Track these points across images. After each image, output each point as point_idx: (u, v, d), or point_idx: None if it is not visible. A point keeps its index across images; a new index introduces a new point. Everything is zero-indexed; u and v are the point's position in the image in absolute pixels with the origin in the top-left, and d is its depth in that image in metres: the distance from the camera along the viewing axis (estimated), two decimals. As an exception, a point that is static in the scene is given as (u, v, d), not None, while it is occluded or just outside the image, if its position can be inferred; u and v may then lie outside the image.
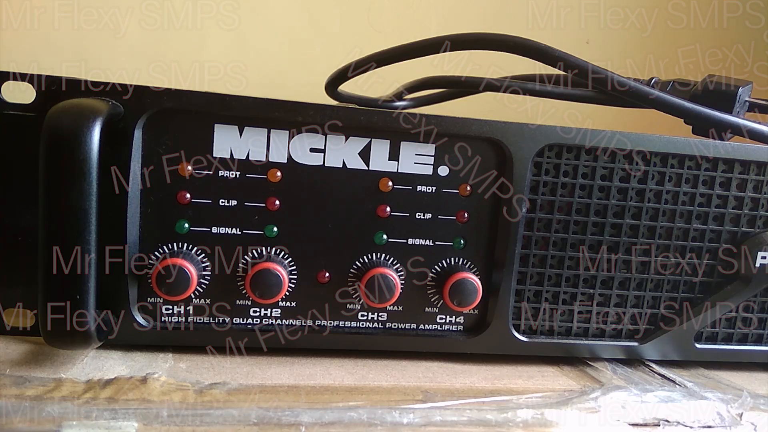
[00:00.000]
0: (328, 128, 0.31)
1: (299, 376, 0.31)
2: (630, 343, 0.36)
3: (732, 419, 0.31)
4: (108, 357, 0.31)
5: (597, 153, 0.34)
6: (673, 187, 0.35)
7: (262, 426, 0.26)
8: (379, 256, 0.33)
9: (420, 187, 0.33)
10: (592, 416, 0.29)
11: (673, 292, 0.36)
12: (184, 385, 0.28)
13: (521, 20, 0.66)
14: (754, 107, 0.39)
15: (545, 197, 0.34)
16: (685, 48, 0.69)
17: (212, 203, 0.31)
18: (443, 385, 0.31)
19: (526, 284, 0.35)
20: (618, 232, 0.35)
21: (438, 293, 0.34)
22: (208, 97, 0.30)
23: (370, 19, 0.64)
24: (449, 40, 0.35)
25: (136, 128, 0.30)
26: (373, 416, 0.27)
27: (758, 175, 0.35)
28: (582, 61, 0.34)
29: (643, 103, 0.35)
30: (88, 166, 0.26)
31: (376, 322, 0.34)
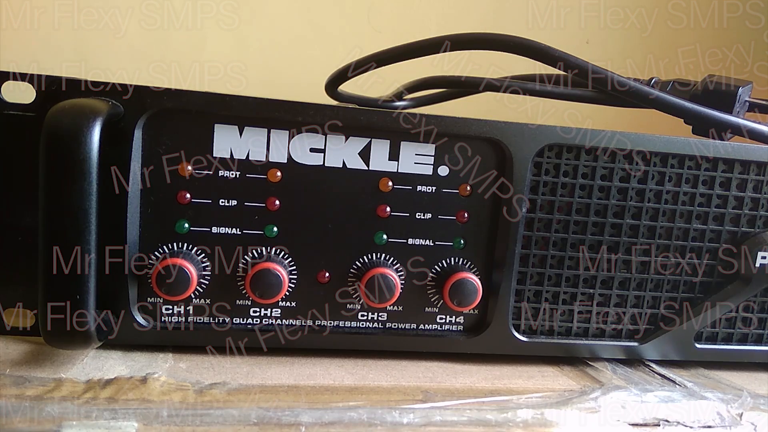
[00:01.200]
0: (328, 128, 0.31)
1: (299, 376, 0.31)
2: (630, 343, 0.36)
3: (732, 419, 0.31)
4: (108, 357, 0.31)
5: (597, 153, 0.34)
6: (673, 187, 0.35)
7: (262, 426, 0.26)
8: (379, 256, 0.33)
9: (420, 187, 0.33)
10: (592, 416, 0.29)
11: (673, 292, 0.36)
12: (184, 385, 0.28)
13: (521, 20, 0.66)
14: (754, 107, 0.39)
15: (545, 197, 0.34)
16: (685, 48, 0.69)
17: (212, 203, 0.31)
18: (443, 385, 0.31)
19: (526, 284, 0.35)
20: (618, 232, 0.35)
21: (438, 293, 0.34)
22: (208, 97, 0.30)
23: (370, 19, 0.64)
24: (449, 40, 0.35)
25: (136, 128, 0.30)
26: (373, 416, 0.27)
27: (758, 175, 0.35)
28: (582, 61, 0.34)
29: (643, 103, 0.35)
30: (88, 166, 0.26)
31: (376, 322, 0.34)
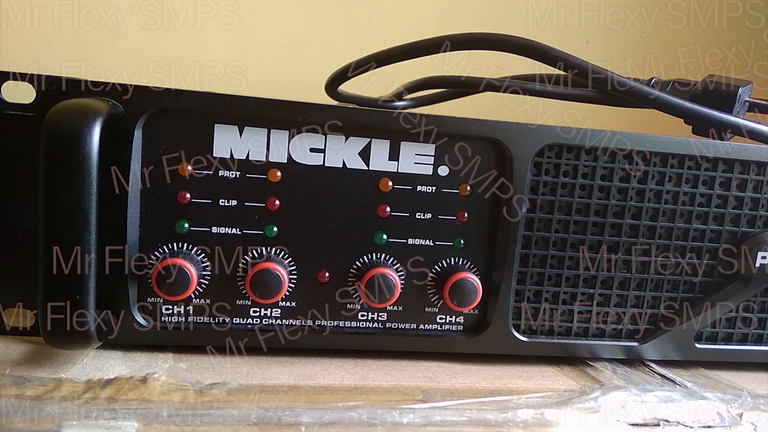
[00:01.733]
0: (328, 128, 0.31)
1: (299, 376, 0.31)
2: (630, 343, 0.36)
3: (732, 419, 0.30)
4: (108, 357, 0.31)
5: (597, 153, 0.34)
6: (673, 187, 0.35)
7: (262, 426, 0.26)
8: (379, 256, 0.33)
9: (420, 187, 0.33)
10: (592, 416, 0.29)
11: (673, 292, 0.36)
12: (184, 385, 0.28)
13: (521, 20, 0.66)
14: (754, 107, 0.39)
15: (545, 197, 0.34)
16: (685, 48, 0.69)
17: (212, 203, 0.31)
18: (443, 385, 0.31)
19: (526, 284, 0.35)
20: (618, 232, 0.35)
21: (438, 293, 0.34)
22: (208, 97, 0.30)
23: (370, 19, 0.64)
24: (449, 40, 0.35)
25: (136, 128, 0.30)
26: (373, 416, 0.27)
27: (758, 175, 0.35)
28: (582, 61, 0.34)
29: (643, 103, 0.35)
30: (88, 166, 0.26)
31: (376, 322, 0.34)
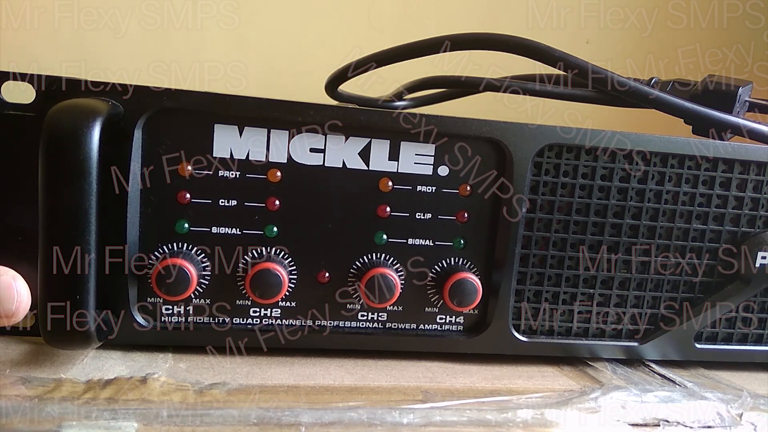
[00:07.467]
0: (328, 128, 0.31)
1: (299, 376, 0.31)
2: (630, 343, 0.36)
3: (732, 419, 0.30)
4: (108, 357, 0.31)
5: (597, 153, 0.34)
6: (673, 187, 0.35)
7: (262, 426, 0.26)
8: (379, 256, 0.33)
9: (420, 187, 0.33)
10: (592, 416, 0.29)
11: (673, 292, 0.36)
12: (184, 385, 0.28)
13: (521, 20, 0.66)
14: (754, 107, 0.39)
15: (545, 197, 0.34)
16: (685, 48, 0.69)
17: (212, 203, 0.31)
18: (443, 385, 0.31)
19: (526, 284, 0.35)
20: (618, 232, 0.35)
21: (438, 293, 0.34)
22: (208, 97, 0.30)
23: (370, 19, 0.64)
24: (449, 40, 0.35)
25: (136, 128, 0.29)
26: (373, 416, 0.27)
27: (758, 175, 0.35)
28: (582, 61, 0.34)
29: (643, 103, 0.35)
30: (88, 166, 0.26)
31: (376, 322, 0.34)
